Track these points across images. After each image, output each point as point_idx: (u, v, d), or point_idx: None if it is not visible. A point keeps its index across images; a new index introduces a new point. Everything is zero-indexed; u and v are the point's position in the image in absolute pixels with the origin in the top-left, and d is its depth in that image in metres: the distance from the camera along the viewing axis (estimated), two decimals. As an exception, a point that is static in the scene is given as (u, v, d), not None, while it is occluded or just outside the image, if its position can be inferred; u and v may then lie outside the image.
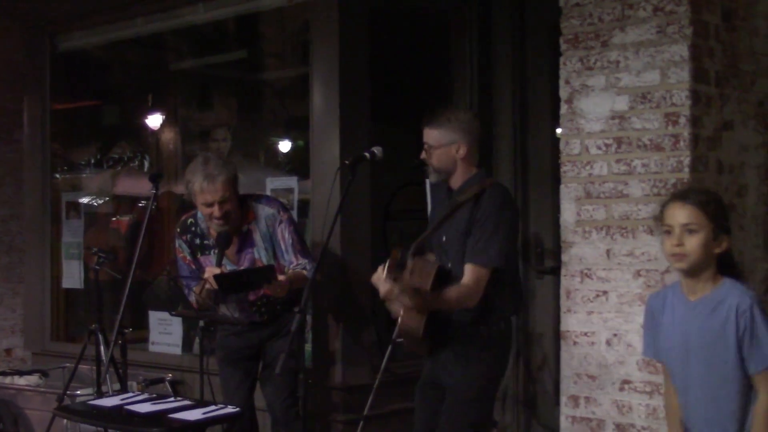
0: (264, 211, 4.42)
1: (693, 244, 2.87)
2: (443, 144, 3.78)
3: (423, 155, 3.85)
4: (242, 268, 4.39)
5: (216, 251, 4.39)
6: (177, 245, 4.57)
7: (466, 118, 3.86)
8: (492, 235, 3.63)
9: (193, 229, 4.50)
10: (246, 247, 4.43)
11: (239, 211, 4.38)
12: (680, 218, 2.88)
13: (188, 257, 4.53)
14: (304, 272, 4.36)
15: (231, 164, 4.43)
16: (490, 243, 3.62)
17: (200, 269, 4.46)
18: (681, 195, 2.96)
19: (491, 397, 3.86)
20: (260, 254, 4.42)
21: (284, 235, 4.39)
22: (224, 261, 4.36)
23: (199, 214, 4.46)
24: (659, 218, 2.97)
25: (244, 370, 4.57)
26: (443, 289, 3.56)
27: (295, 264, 4.38)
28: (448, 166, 3.80)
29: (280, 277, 4.24)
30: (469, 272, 3.61)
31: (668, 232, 2.91)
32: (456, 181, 3.83)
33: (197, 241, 4.50)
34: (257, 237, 4.42)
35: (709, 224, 2.87)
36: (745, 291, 2.90)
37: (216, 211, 4.28)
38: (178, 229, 4.56)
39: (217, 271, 4.22)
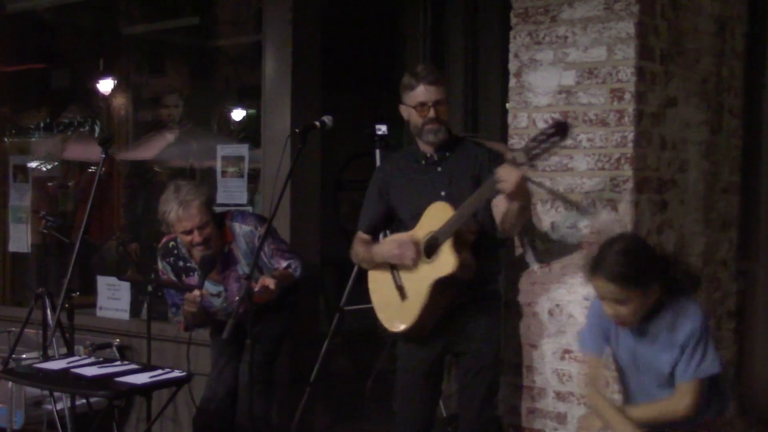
0: (241, 229, 4.36)
1: (627, 311, 2.92)
2: (446, 97, 3.75)
3: (431, 114, 3.68)
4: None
5: (196, 273, 4.35)
6: (161, 267, 4.48)
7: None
8: None
9: (175, 252, 4.42)
10: (230, 265, 4.38)
11: (218, 233, 4.32)
12: (608, 294, 2.92)
13: (173, 278, 4.47)
14: (289, 271, 4.35)
15: (204, 187, 4.41)
16: None
17: (186, 289, 4.35)
18: (604, 270, 2.91)
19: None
20: (244, 270, 4.34)
21: (264, 250, 4.31)
22: (209, 282, 4.32)
23: (178, 239, 4.36)
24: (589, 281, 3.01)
25: (232, 354, 4.47)
26: None
27: (280, 265, 4.35)
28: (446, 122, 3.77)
29: (266, 281, 4.15)
30: None
31: (602, 299, 2.97)
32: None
33: (180, 263, 4.43)
34: (239, 254, 4.37)
35: (635, 291, 2.89)
36: (690, 315, 2.93)
37: (196, 237, 4.22)
38: (161, 253, 4.48)
39: (197, 294, 4.14)
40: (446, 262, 3.54)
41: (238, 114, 6.56)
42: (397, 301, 3.73)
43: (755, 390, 4.49)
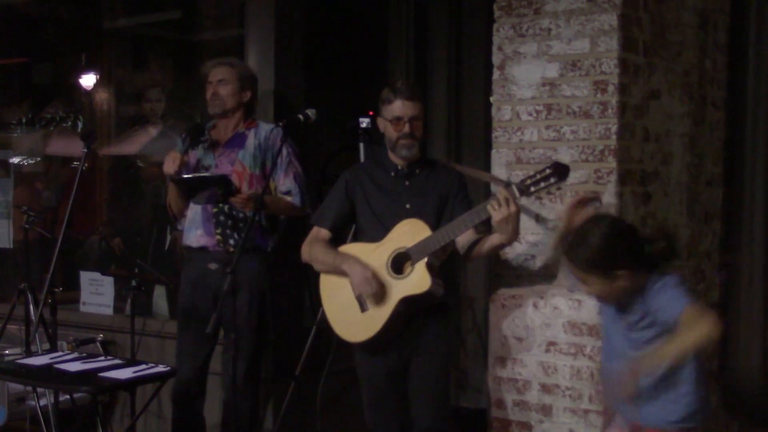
0: (269, 126, 4.46)
1: (590, 290, 2.97)
2: (422, 116, 3.79)
3: (406, 129, 3.72)
4: (196, 175, 4.34)
5: (203, 144, 4.44)
6: (178, 146, 4.50)
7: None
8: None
9: (201, 129, 4.49)
10: (234, 146, 4.41)
11: (235, 104, 4.44)
12: (572, 271, 2.98)
13: (175, 152, 4.41)
14: (287, 198, 4.37)
15: (249, 69, 4.64)
16: None
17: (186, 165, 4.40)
18: (567, 248, 2.98)
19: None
20: (245, 157, 4.37)
21: (283, 153, 4.35)
22: (204, 152, 4.41)
23: (208, 124, 4.53)
24: None
25: (199, 333, 4.31)
26: None
27: (281, 183, 4.36)
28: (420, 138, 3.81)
29: (242, 194, 4.20)
30: None
31: None
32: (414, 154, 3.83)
33: (194, 135, 4.43)
34: (250, 142, 4.41)
35: (593, 275, 2.90)
36: (660, 289, 2.91)
37: (210, 89, 4.44)
38: (188, 127, 4.56)
39: (178, 155, 4.23)
40: (421, 280, 3.59)
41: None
42: (355, 311, 3.72)
43: (738, 382, 4.51)
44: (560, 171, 3.38)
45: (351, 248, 3.82)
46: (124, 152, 6.56)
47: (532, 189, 3.42)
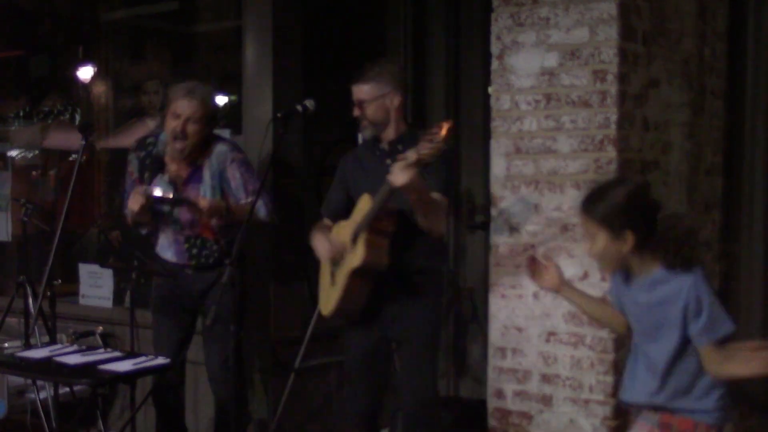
0: (218, 147, 4.38)
1: (594, 251, 2.88)
2: (377, 96, 3.83)
3: (356, 112, 3.87)
4: (157, 196, 4.33)
5: (161, 175, 4.38)
6: (129, 158, 4.51)
7: (395, 69, 3.95)
8: (452, 186, 3.89)
9: (150, 148, 4.43)
10: (194, 182, 4.38)
11: (199, 144, 4.32)
12: (582, 224, 2.92)
13: (136, 173, 4.46)
14: (248, 207, 4.28)
15: (215, 105, 4.49)
16: (451, 186, 3.87)
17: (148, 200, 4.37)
18: (585, 201, 2.91)
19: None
20: (205, 191, 4.35)
21: (234, 175, 4.33)
22: (168, 187, 4.35)
23: (161, 137, 4.41)
24: None
25: (176, 321, 4.50)
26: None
27: (244, 201, 4.33)
28: (384, 118, 3.86)
29: (201, 201, 4.23)
30: (441, 200, 3.71)
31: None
32: (390, 133, 3.89)
33: (148, 161, 4.43)
34: (206, 174, 4.36)
35: (602, 228, 2.84)
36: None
37: (178, 126, 4.24)
38: (134, 145, 4.53)
39: (141, 197, 4.20)
40: (357, 253, 3.68)
41: (219, 100, 6.51)
42: (328, 286, 3.90)
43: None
44: (448, 130, 3.29)
45: (336, 226, 3.95)
46: (122, 145, 6.54)
47: (423, 151, 3.31)
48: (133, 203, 4.22)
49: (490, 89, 4.00)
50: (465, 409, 4.95)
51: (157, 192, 4.30)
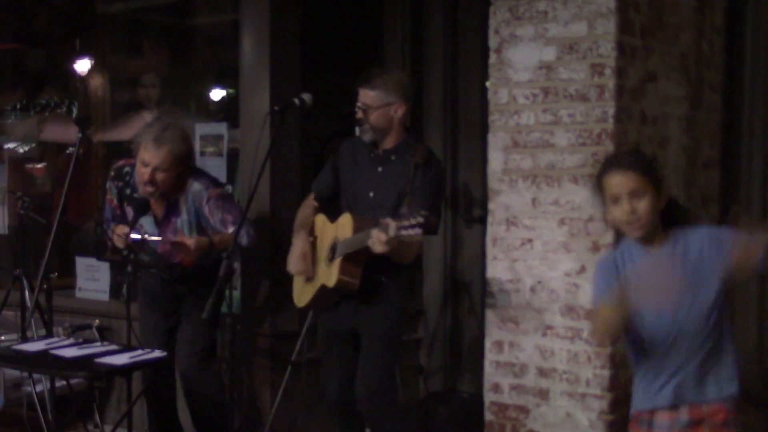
0: (192, 186, 4.35)
1: (643, 208, 2.80)
2: (382, 105, 3.86)
3: (359, 114, 3.90)
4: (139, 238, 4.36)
5: (149, 217, 4.40)
6: (108, 186, 4.54)
7: (403, 79, 3.98)
8: (439, 203, 3.97)
9: (127, 178, 4.45)
10: (171, 215, 4.39)
11: (173, 185, 4.30)
12: (627, 186, 2.82)
13: (115, 201, 4.52)
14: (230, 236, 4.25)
15: (187, 142, 4.37)
16: (437, 208, 3.91)
17: (123, 217, 4.46)
18: (619, 162, 2.87)
19: (400, 339, 4.16)
20: (183, 225, 4.38)
21: (212, 212, 4.34)
22: (149, 223, 4.38)
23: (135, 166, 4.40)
24: (599, 188, 2.89)
25: (162, 313, 4.55)
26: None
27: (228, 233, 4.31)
28: (386, 126, 3.90)
29: (187, 241, 4.26)
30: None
31: (615, 201, 2.84)
32: (389, 142, 3.94)
33: (127, 191, 4.45)
34: (183, 207, 4.38)
35: (651, 183, 2.82)
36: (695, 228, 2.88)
37: (146, 173, 4.22)
38: (113, 173, 4.54)
39: (126, 230, 4.23)
40: (331, 275, 3.83)
41: (216, 93, 6.51)
42: (302, 282, 4.08)
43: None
44: (428, 227, 3.43)
45: (318, 218, 4.09)
46: (119, 138, 6.53)
47: (404, 229, 3.39)
48: (118, 242, 4.29)
49: (487, 83, 3.99)
50: (462, 403, 4.95)
51: (135, 236, 4.30)
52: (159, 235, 4.41)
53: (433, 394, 5.42)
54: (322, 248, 3.99)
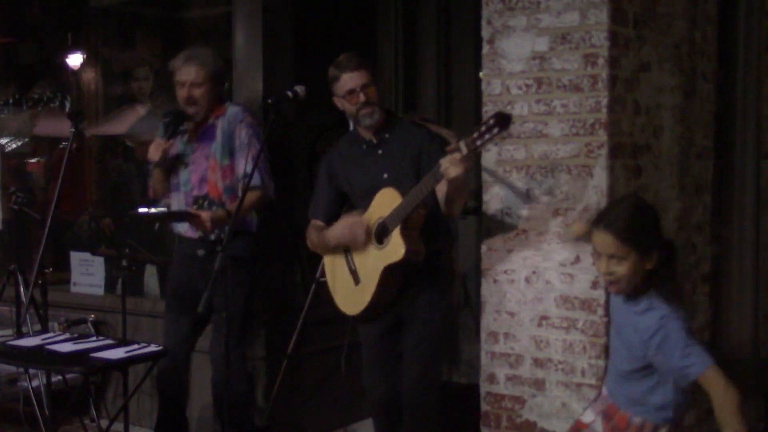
0: (232, 108, 4.46)
1: (622, 271, 2.84)
2: (373, 81, 3.86)
3: (361, 98, 3.82)
4: (155, 211, 4.39)
5: (183, 136, 4.46)
6: (159, 127, 4.55)
7: (368, 59, 3.96)
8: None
9: (182, 115, 4.48)
10: (206, 138, 4.44)
11: (209, 103, 4.41)
12: (606, 248, 2.85)
13: (160, 139, 4.48)
14: (250, 196, 4.21)
15: (216, 61, 4.49)
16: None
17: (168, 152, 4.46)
18: (608, 223, 2.87)
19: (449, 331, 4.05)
20: (216, 150, 4.41)
21: (240, 134, 4.40)
22: (183, 144, 4.44)
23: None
24: (589, 236, 2.93)
25: (185, 310, 4.45)
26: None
27: (242, 171, 4.32)
28: (380, 102, 3.89)
29: (202, 215, 4.25)
30: None
31: (597, 257, 2.89)
32: (380, 120, 3.90)
33: (177, 122, 4.46)
34: (219, 132, 4.42)
35: (634, 251, 2.82)
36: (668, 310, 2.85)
37: (185, 92, 4.37)
38: (163, 114, 4.60)
39: (162, 143, 4.33)
40: (396, 249, 3.67)
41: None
42: (350, 285, 3.88)
43: (729, 354, 4.53)
44: (504, 120, 3.34)
45: (337, 223, 3.93)
46: (112, 132, 6.52)
47: (479, 143, 3.38)
48: (154, 152, 4.34)
49: (481, 74, 3.99)
50: (458, 394, 4.96)
51: (153, 209, 4.36)
52: (192, 159, 4.44)
53: (467, 386, 5.42)
54: (358, 248, 3.84)
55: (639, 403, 2.93)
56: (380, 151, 3.90)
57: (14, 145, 6.86)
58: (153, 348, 3.97)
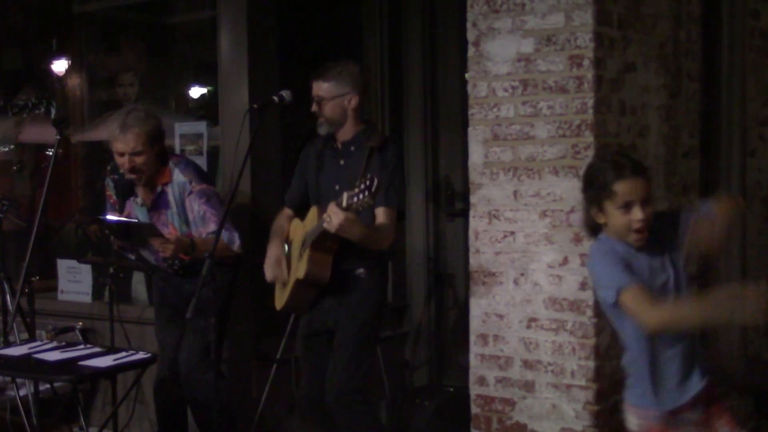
0: (177, 177, 4.33)
1: (650, 215, 2.84)
2: (335, 95, 3.92)
3: (314, 108, 3.95)
4: (125, 219, 4.37)
5: (134, 198, 4.39)
6: (105, 183, 4.54)
7: (356, 70, 4.00)
8: (401, 183, 3.94)
9: (121, 171, 4.40)
10: (160, 206, 4.36)
11: (154, 167, 4.30)
12: (642, 192, 2.84)
13: (114, 197, 4.47)
14: (222, 240, 4.19)
15: (153, 119, 4.34)
16: (400, 190, 3.93)
17: (123, 212, 4.44)
18: (634, 168, 2.87)
19: (375, 336, 4.11)
20: (173, 218, 4.35)
21: (193, 207, 4.30)
22: (142, 213, 4.36)
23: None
24: (605, 192, 2.88)
25: (173, 320, 4.46)
26: (373, 224, 3.81)
27: (204, 234, 4.26)
28: (340, 117, 3.95)
29: (168, 232, 4.23)
30: (385, 215, 3.85)
31: (627, 207, 2.85)
32: (346, 134, 3.98)
33: (120, 185, 4.45)
34: (171, 200, 4.34)
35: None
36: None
37: (126, 162, 4.23)
38: (108, 168, 4.57)
39: (114, 217, 4.28)
40: (301, 268, 3.86)
41: (195, 91, 6.49)
42: (280, 285, 4.10)
43: (718, 352, 4.54)
44: (370, 186, 3.40)
45: (293, 223, 4.14)
46: (98, 138, 6.50)
47: (355, 199, 3.44)
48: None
49: (467, 76, 3.98)
50: (447, 397, 4.95)
51: (112, 217, 4.37)
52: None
53: (418, 389, 5.43)
54: (296, 249, 4.01)
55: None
56: (342, 162, 3.98)
57: (-1, 152, 6.84)
58: (141, 355, 3.96)
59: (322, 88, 3.93)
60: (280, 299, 4.10)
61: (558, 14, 3.69)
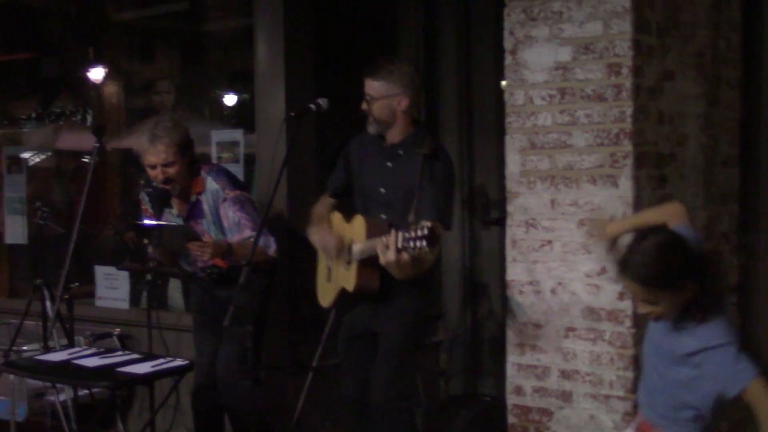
0: (211, 185, 4.33)
1: (659, 310, 2.75)
2: (385, 95, 3.82)
3: (363, 106, 3.87)
4: (162, 222, 4.37)
5: (169, 210, 4.40)
6: (140, 197, 4.53)
7: (409, 70, 3.90)
8: (449, 197, 3.83)
9: (167, 193, 4.41)
10: (196, 216, 4.36)
11: (187, 177, 4.30)
12: (636, 294, 2.79)
13: (150, 210, 4.47)
14: (258, 244, 4.12)
15: (181, 128, 4.34)
16: (448, 204, 3.81)
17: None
18: (627, 267, 2.74)
19: (419, 342, 4.12)
20: (209, 227, 4.34)
21: (227, 214, 4.29)
22: (177, 221, 4.36)
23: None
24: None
25: (211, 327, 4.44)
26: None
27: (239, 240, 4.25)
28: (389, 118, 3.85)
29: (204, 239, 4.21)
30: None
31: (632, 296, 2.86)
32: (395, 135, 3.89)
33: (155, 196, 4.45)
34: (206, 208, 4.34)
35: (665, 291, 2.71)
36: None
37: (159, 174, 4.23)
38: (142, 182, 4.56)
39: (151, 221, 4.29)
40: (349, 280, 3.81)
41: (230, 99, 6.53)
42: (325, 279, 4.06)
43: (758, 365, 4.48)
44: (431, 238, 3.31)
45: (335, 216, 4.05)
46: (134, 145, 6.56)
47: (407, 245, 3.38)
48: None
49: (503, 84, 3.98)
50: (484, 407, 4.94)
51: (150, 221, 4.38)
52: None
53: (454, 398, 5.42)
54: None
55: (672, 413, 2.87)
56: (389, 164, 3.89)
57: (37, 159, 6.90)
58: (179, 362, 3.98)
59: (372, 86, 3.84)
60: (325, 296, 4.07)
61: (596, 22, 3.68)
